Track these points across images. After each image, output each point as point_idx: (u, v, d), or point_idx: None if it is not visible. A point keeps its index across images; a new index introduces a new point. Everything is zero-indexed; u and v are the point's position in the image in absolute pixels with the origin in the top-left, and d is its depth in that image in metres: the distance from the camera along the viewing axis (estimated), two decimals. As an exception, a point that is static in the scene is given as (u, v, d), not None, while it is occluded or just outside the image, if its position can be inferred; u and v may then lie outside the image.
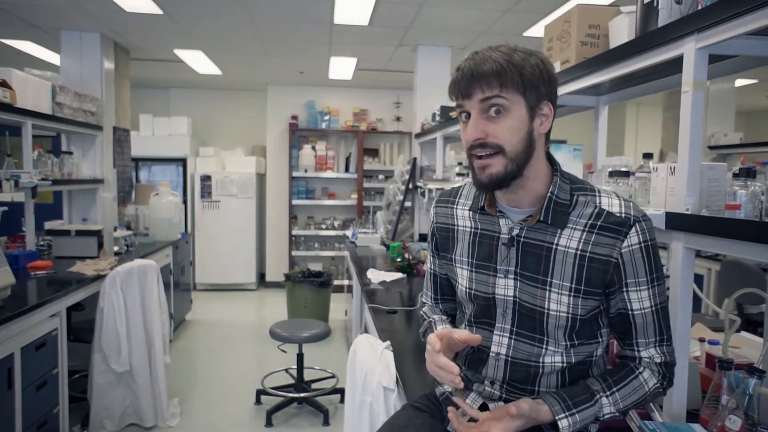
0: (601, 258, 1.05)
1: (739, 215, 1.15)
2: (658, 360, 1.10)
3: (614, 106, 2.27)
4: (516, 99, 1.03)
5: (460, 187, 1.30)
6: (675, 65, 1.34)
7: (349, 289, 4.62)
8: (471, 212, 1.22)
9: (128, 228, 4.62)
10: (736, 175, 1.20)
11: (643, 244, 1.04)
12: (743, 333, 1.98)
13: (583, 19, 1.79)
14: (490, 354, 1.16)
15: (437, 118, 3.78)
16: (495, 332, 1.16)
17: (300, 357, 3.53)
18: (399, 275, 3.28)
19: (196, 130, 7.07)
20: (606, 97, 2.19)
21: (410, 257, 3.71)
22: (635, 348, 1.10)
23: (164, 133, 6.64)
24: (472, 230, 1.21)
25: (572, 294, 1.07)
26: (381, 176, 6.97)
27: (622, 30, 1.66)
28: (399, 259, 3.65)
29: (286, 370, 3.80)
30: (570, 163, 2.12)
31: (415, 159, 4.76)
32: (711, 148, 5.10)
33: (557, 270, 1.08)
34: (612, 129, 2.38)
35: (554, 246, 1.09)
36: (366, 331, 2.66)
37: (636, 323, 1.09)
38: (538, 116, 1.07)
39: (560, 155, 2.13)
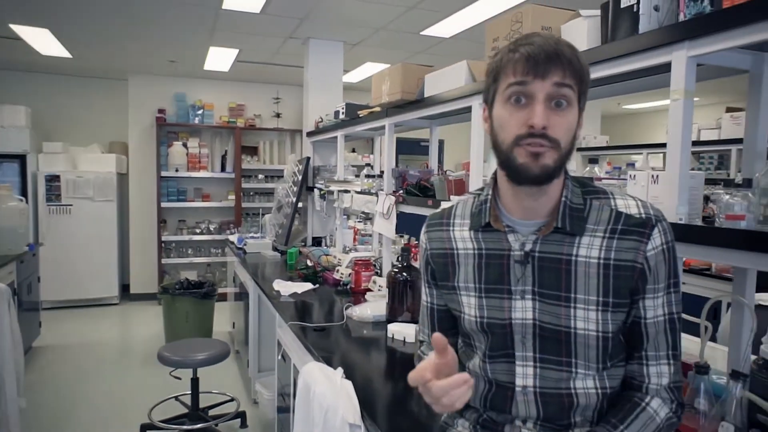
0: (627, 264, 0.96)
1: (741, 225, 1.14)
2: (666, 380, 0.99)
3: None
4: (575, 95, 0.93)
5: (452, 207, 1.15)
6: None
7: (239, 297, 4.24)
8: (472, 232, 1.08)
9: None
10: (728, 184, 1.20)
11: (665, 246, 0.97)
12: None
13: (536, 19, 1.74)
14: (516, 389, 1.02)
15: (341, 115, 3.59)
16: (518, 363, 1.02)
17: (195, 382, 3.13)
18: (309, 285, 3.04)
19: (37, 122, 6.05)
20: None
21: (313, 264, 3.49)
22: (644, 362, 1.00)
23: (-6, 125, 5.58)
24: (476, 252, 1.06)
25: (600, 308, 0.97)
26: (261, 176, 6.58)
27: (579, 34, 1.62)
28: (302, 267, 3.42)
29: (176, 398, 3.35)
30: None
31: (308, 158, 4.52)
32: (578, 150, 5.55)
33: (581, 284, 0.97)
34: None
35: (574, 257, 0.98)
36: (284, 351, 2.40)
37: (648, 333, 0.99)
38: (580, 120, 0.97)
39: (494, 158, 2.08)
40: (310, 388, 1.53)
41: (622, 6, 1.40)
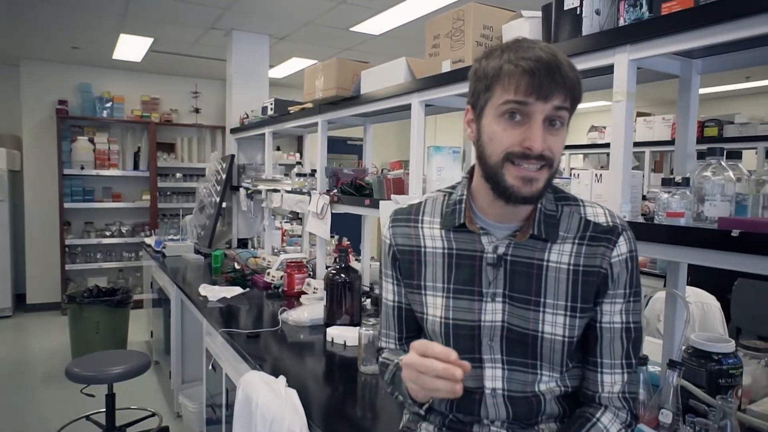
0: (593, 270, 0.97)
1: (680, 222, 1.19)
2: (618, 388, 0.99)
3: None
4: (569, 115, 0.93)
5: (420, 204, 1.11)
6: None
7: (157, 303, 3.99)
8: (443, 231, 1.05)
9: None
10: (666, 183, 1.25)
11: (628, 254, 0.99)
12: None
13: (478, 18, 1.75)
14: (486, 391, 1.00)
15: (270, 111, 3.46)
16: (486, 366, 1.01)
17: (110, 398, 2.89)
18: (238, 289, 2.91)
19: None
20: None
21: (241, 267, 3.35)
22: (598, 369, 1.00)
23: None
24: (446, 251, 1.04)
25: (568, 314, 0.98)
26: (179, 174, 6.24)
27: (520, 34, 1.64)
28: (229, 271, 3.26)
29: (88, 417, 3.08)
30: (450, 165, 2.08)
31: (232, 156, 4.33)
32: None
33: (550, 288, 0.98)
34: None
35: (545, 263, 0.98)
36: (215, 360, 2.27)
37: (603, 337, 1.00)
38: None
39: (440, 158, 2.08)
40: (252, 399, 1.44)
41: (566, 8, 1.43)
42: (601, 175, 1.37)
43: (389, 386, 1.07)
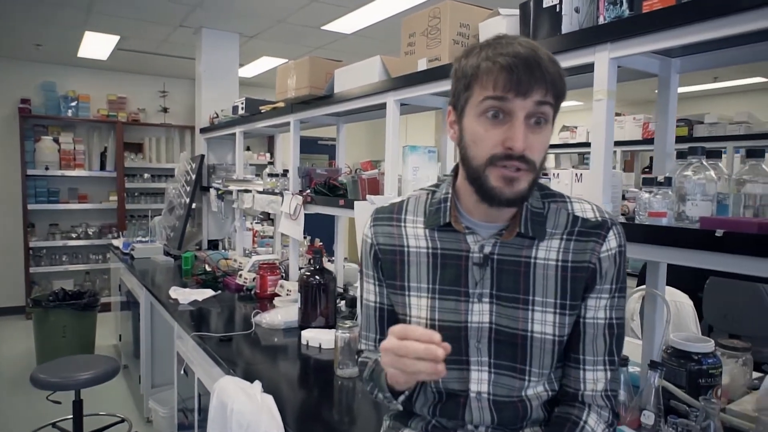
0: (582, 266, 0.95)
1: (662, 222, 1.18)
2: (602, 386, 0.97)
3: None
4: (552, 112, 0.89)
5: (402, 202, 1.08)
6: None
7: (126, 306, 3.87)
8: (427, 230, 1.01)
9: None
10: (647, 183, 1.24)
11: (617, 249, 0.97)
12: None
13: (454, 16, 1.72)
14: (471, 395, 0.97)
15: (241, 111, 3.38)
16: (473, 368, 0.97)
17: (77, 405, 2.78)
18: (209, 292, 2.83)
19: None
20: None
21: (212, 269, 3.27)
22: (581, 366, 0.98)
23: None
24: (431, 251, 1.00)
25: (558, 311, 0.95)
26: (147, 175, 6.08)
27: (497, 32, 1.62)
28: (200, 273, 3.18)
29: (54, 425, 2.96)
30: (426, 165, 2.05)
31: (202, 156, 4.23)
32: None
33: (539, 286, 0.95)
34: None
35: (533, 260, 0.95)
36: (186, 365, 2.20)
37: (585, 332, 0.97)
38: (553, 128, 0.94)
39: (416, 157, 2.05)
40: (227, 405, 1.39)
41: (545, 6, 1.41)
42: (581, 174, 1.35)
43: (368, 384, 1.04)
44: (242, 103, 3.36)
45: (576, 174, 1.36)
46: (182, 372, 2.24)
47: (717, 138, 4.05)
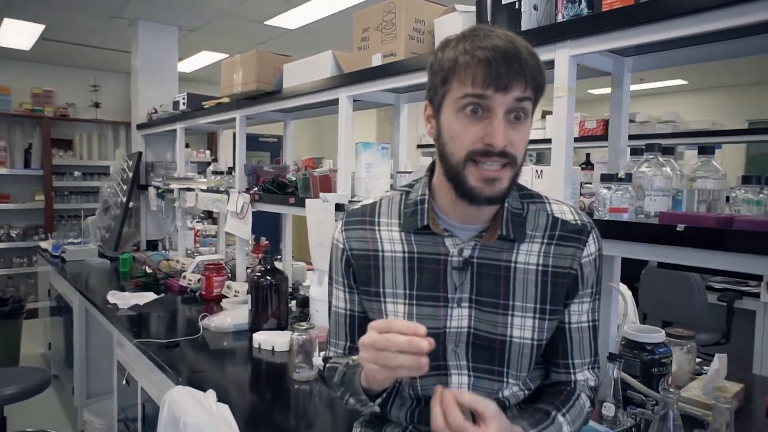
0: (564, 272, 0.94)
1: (624, 217, 1.21)
2: (593, 384, 1.01)
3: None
4: (532, 106, 0.87)
5: (374, 204, 1.03)
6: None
7: (56, 312, 3.62)
8: (403, 233, 0.98)
9: None
10: (606, 179, 1.26)
11: (597, 253, 0.98)
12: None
13: (410, 11, 1.70)
14: None
15: (182, 106, 3.23)
16: (452, 372, 0.95)
17: (1, 423, 2.57)
18: (151, 295, 2.68)
19: None
20: (406, 96, 2.17)
21: (153, 270, 3.11)
22: (571, 370, 1.00)
23: None
24: (407, 255, 0.97)
25: (537, 316, 0.94)
26: (78, 173, 5.72)
27: (454, 28, 1.61)
28: (140, 275, 3.02)
29: (-27, 445, 2.72)
30: (379, 162, 2.03)
31: (140, 154, 4.02)
32: (419, 147, 5.78)
33: (519, 291, 0.94)
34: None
35: (513, 264, 0.94)
36: (129, 374, 2.08)
37: (572, 338, 0.99)
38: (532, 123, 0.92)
39: (369, 154, 2.02)
40: (180, 418, 1.30)
41: (503, 2, 1.41)
42: (542, 171, 1.36)
43: (338, 389, 0.99)
44: (184, 99, 3.21)
45: (537, 171, 1.37)
46: (124, 382, 2.11)
47: (646, 136, 4.24)
